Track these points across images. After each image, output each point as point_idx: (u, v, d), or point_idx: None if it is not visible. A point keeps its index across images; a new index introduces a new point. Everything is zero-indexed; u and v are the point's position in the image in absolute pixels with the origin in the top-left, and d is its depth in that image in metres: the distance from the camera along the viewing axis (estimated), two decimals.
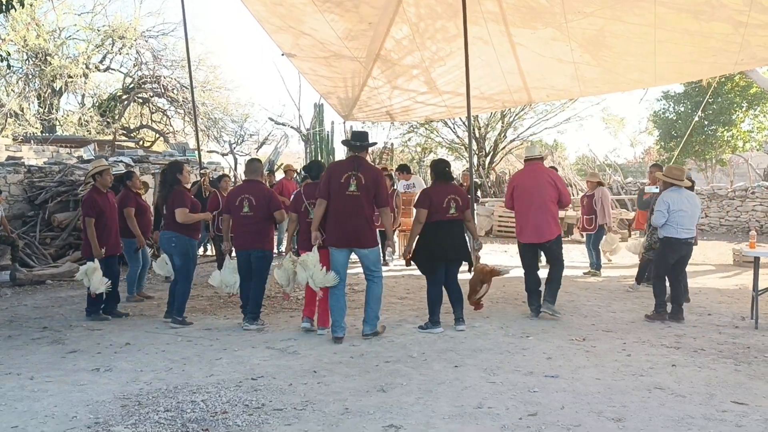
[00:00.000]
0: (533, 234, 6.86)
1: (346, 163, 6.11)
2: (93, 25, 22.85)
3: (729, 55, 9.17)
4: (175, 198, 6.70)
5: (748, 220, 17.53)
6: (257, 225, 6.50)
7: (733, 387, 4.54)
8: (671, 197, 6.74)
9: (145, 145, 23.46)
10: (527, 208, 6.85)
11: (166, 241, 6.80)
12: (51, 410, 4.18)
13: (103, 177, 7.18)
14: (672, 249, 6.78)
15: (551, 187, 6.84)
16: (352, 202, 5.87)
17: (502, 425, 3.84)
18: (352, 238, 5.92)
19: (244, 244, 6.55)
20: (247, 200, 6.49)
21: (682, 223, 6.67)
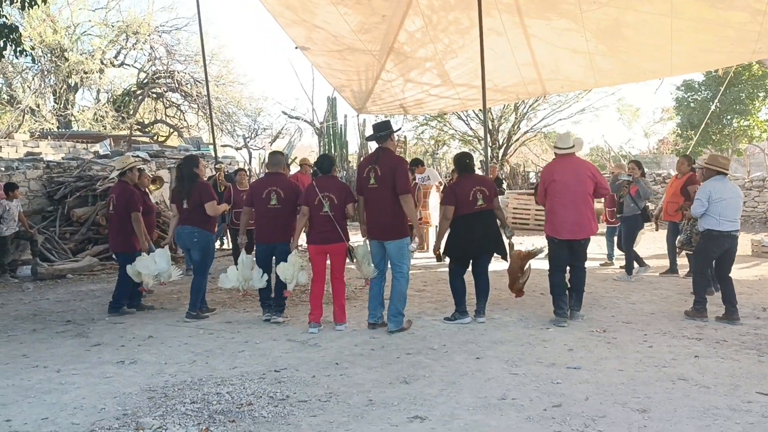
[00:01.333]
0: (574, 230, 6.30)
1: (368, 158, 6.23)
2: (107, 21, 22.98)
3: (746, 44, 9.09)
4: (203, 191, 6.69)
5: (766, 211, 17.38)
6: (285, 218, 6.46)
7: (758, 378, 4.53)
8: (714, 186, 6.29)
9: (160, 140, 23.58)
10: (567, 203, 6.28)
11: (188, 236, 6.77)
12: (79, 402, 4.25)
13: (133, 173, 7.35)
14: (714, 242, 6.35)
15: (590, 180, 6.32)
16: (373, 195, 6.02)
17: (527, 416, 3.86)
18: (374, 231, 6.09)
19: (270, 238, 6.51)
20: (275, 193, 6.42)
21: (724, 213, 6.23)
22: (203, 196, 6.67)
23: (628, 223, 8.87)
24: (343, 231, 6.14)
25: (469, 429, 3.70)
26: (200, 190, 6.70)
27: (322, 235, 6.16)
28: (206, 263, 6.86)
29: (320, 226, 6.16)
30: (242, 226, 6.80)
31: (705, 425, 3.69)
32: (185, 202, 6.74)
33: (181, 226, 6.85)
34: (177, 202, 6.86)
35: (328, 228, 6.12)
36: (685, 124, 23.67)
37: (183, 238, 6.88)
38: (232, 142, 25.55)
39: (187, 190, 6.73)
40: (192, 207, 6.70)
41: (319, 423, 3.83)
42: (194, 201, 6.68)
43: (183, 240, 6.91)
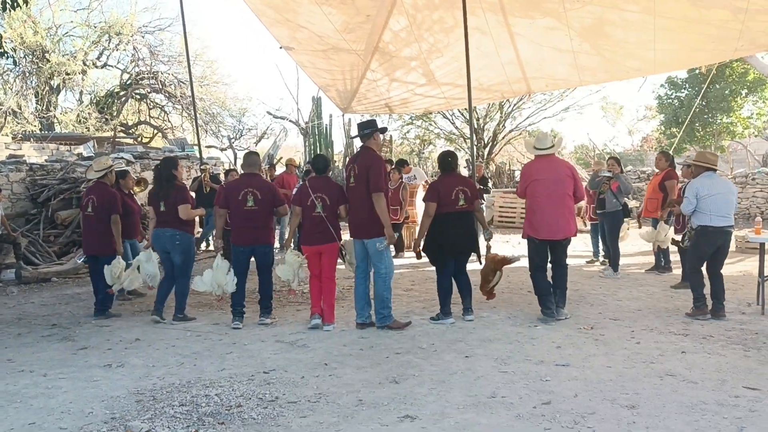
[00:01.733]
0: (552, 230, 6.31)
1: (351, 158, 6.33)
2: (89, 22, 22.77)
3: (728, 42, 9.16)
4: (177, 194, 6.64)
5: (749, 207, 17.57)
6: (263, 219, 6.40)
7: (744, 372, 4.58)
8: (702, 183, 6.30)
9: (144, 141, 23.42)
10: (545, 202, 6.28)
11: (169, 239, 6.67)
12: (66, 406, 4.20)
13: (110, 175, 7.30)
14: (707, 239, 6.31)
15: (570, 179, 6.33)
16: (352, 194, 6.14)
17: (516, 414, 3.87)
18: (356, 229, 6.17)
19: (249, 240, 6.40)
20: (251, 194, 6.33)
21: (716, 209, 6.20)
22: (177, 198, 6.62)
23: (611, 219, 8.95)
24: (335, 231, 6.17)
25: (460, 427, 3.71)
26: (176, 192, 6.66)
27: (315, 235, 6.19)
28: (189, 265, 6.79)
29: (313, 226, 6.19)
30: (217, 229, 6.65)
31: (693, 420, 3.72)
32: (162, 204, 6.65)
33: (161, 229, 6.73)
34: (154, 204, 6.75)
35: (321, 228, 6.15)
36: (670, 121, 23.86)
37: (163, 241, 6.74)
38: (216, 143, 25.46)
39: (165, 191, 6.66)
40: (169, 209, 6.62)
41: (309, 424, 3.82)
42: (171, 203, 6.61)
43: (163, 243, 6.75)
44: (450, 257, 6.37)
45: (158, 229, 6.76)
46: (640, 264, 10.03)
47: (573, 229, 6.43)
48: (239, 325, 6.32)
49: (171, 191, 6.66)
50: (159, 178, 6.80)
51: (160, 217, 6.72)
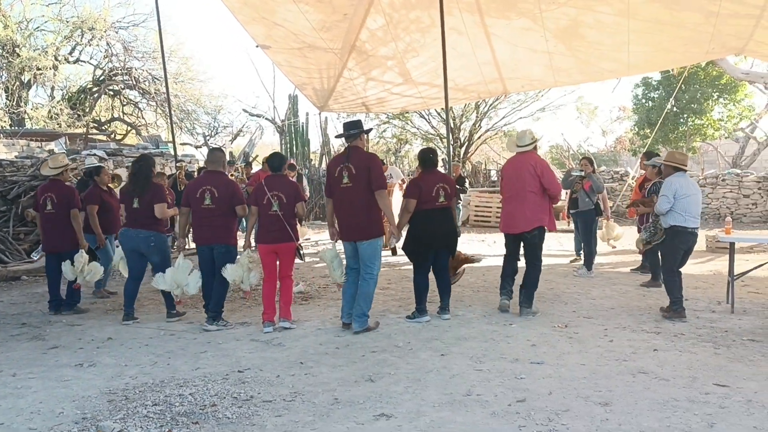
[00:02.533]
0: (507, 224, 6.61)
1: (339, 156, 6.17)
2: (61, 16, 22.39)
3: (700, 44, 9.33)
4: (155, 193, 6.55)
5: (719, 207, 17.89)
6: (220, 218, 6.21)
7: (714, 370, 4.65)
8: (679, 182, 6.29)
9: (117, 138, 23.12)
10: (506, 197, 6.69)
11: (143, 240, 6.54)
12: (36, 406, 4.13)
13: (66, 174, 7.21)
14: (680, 239, 6.31)
15: (531, 176, 6.39)
16: (346, 195, 5.88)
17: (492, 412, 3.89)
18: (350, 232, 5.93)
19: (206, 239, 6.26)
20: (209, 192, 6.16)
21: (689, 210, 6.24)
22: (154, 197, 6.52)
23: (584, 218, 9.06)
24: (292, 230, 6.07)
25: (435, 425, 3.71)
26: (152, 190, 6.56)
27: (271, 234, 6.07)
28: (167, 264, 6.62)
29: (269, 225, 6.07)
30: (180, 228, 6.54)
31: (665, 417, 3.77)
32: (136, 201, 6.54)
33: (133, 230, 6.58)
34: (127, 201, 6.64)
35: (277, 227, 6.04)
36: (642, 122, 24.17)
37: (136, 242, 6.59)
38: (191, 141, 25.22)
39: (141, 189, 6.55)
40: (143, 207, 6.51)
41: (284, 423, 3.80)
42: (146, 201, 6.50)
43: (136, 243, 6.60)
44: (431, 254, 6.37)
45: (130, 229, 6.62)
46: (614, 263, 10.15)
47: (529, 224, 6.42)
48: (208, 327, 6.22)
49: (147, 189, 6.55)
50: (136, 175, 6.64)
51: (132, 214, 6.60)
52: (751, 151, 24.30)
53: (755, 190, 17.64)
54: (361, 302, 5.92)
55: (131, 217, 6.62)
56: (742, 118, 22.88)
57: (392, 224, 6.33)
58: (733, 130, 23.89)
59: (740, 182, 17.85)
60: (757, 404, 3.95)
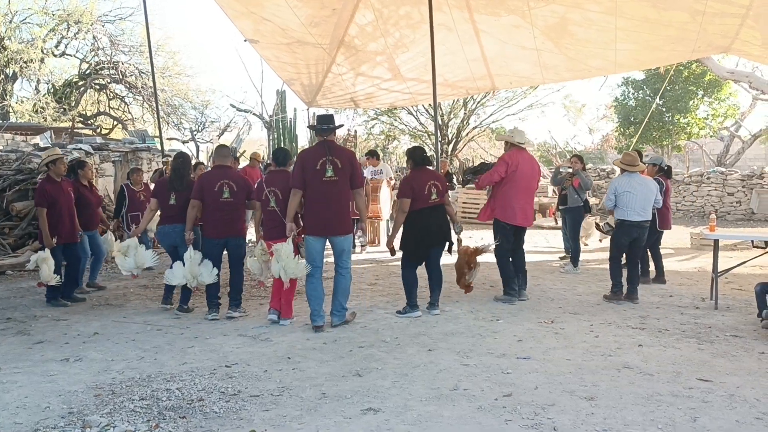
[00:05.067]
0: (525, 218, 6.99)
1: (318, 149, 5.90)
2: (47, 9, 22.16)
3: (687, 43, 9.40)
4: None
5: (704, 205, 18.03)
6: (237, 211, 6.39)
7: (698, 365, 4.71)
8: (620, 181, 7.03)
9: (103, 133, 22.93)
10: (523, 192, 6.95)
11: (180, 234, 6.52)
12: (22, 401, 4.11)
13: (57, 166, 7.05)
14: (623, 231, 7.02)
15: (538, 173, 7.25)
16: (330, 188, 5.75)
17: (478, 406, 3.92)
18: (329, 226, 5.81)
19: (223, 232, 6.34)
20: (227, 186, 6.25)
21: (631, 205, 6.88)
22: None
23: (572, 215, 9.13)
24: None
25: (422, 420, 3.74)
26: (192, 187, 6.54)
27: (270, 230, 6.15)
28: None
29: (269, 221, 6.16)
30: (189, 221, 6.43)
31: (649, 411, 3.81)
32: (173, 198, 6.60)
33: (170, 225, 6.65)
34: (162, 196, 6.70)
35: (276, 224, 6.08)
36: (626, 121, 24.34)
37: (173, 237, 6.65)
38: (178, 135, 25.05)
39: (181, 184, 6.60)
40: (181, 203, 6.52)
41: (271, 417, 3.81)
42: (185, 198, 6.49)
43: (173, 239, 6.66)
44: (428, 251, 6.41)
45: (167, 225, 6.70)
46: (600, 260, 10.21)
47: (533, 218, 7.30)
48: (216, 317, 6.33)
49: (186, 185, 6.61)
50: (177, 171, 6.70)
51: (167, 210, 6.67)
52: (736, 150, 24.51)
53: (739, 188, 17.79)
54: (340, 297, 5.94)
55: (167, 213, 6.68)
56: (727, 116, 23.08)
57: (364, 221, 6.39)
58: (718, 129, 24.09)
59: (725, 180, 18.00)
60: (740, 398, 4.01)
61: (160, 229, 6.84)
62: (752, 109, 24.29)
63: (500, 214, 6.93)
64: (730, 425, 3.62)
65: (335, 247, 5.93)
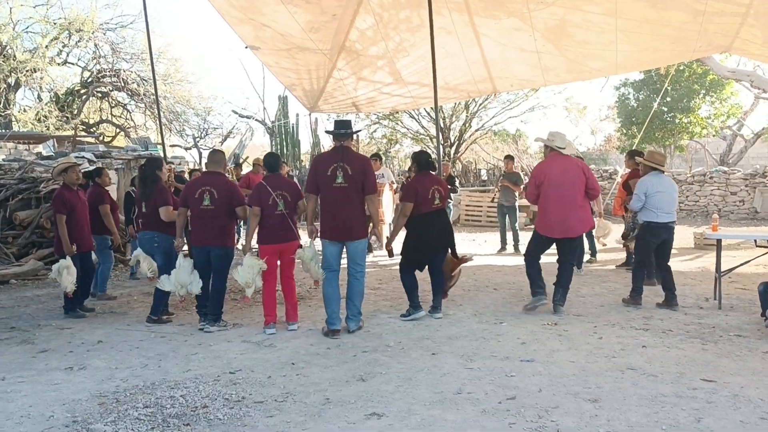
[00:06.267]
0: (564, 229, 6.51)
1: (331, 154, 5.95)
2: (49, 18, 22.26)
3: (687, 43, 9.40)
4: (158, 196, 6.53)
5: (707, 204, 18.00)
6: (218, 220, 6.15)
7: (702, 365, 4.70)
8: (650, 181, 6.76)
9: (106, 140, 23.00)
10: (558, 202, 6.47)
11: (148, 242, 6.60)
12: (26, 410, 4.12)
13: (69, 174, 7.04)
14: (653, 234, 6.77)
15: (581, 180, 6.50)
16: (340, 194, 5.78)
17: (482, 409, 3.91)
18: (342, 231, 5.85)
19: (204, 240, 6.19)
20: (208, 192, 6.10)
21: (661, 206, 6.66)
22: (158, 200, 6.51)
23: None
24: (296, 229, 6.12)
25: (426, 424, 3.73)
26: (156, 194, 6.55)
27: (278, 234, 6.05)
28: (171, 266, 6.46)
29: (276, 225, 6.05)
30: (178, 229, 6.39)
31: (653, 412, 3.81)
32: (144, 205, 6.63)
33: (143, 231, 6.70)
34: (138, 205, 6.76)
35: (284, 227, 6.04)
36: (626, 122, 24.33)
37: (144, 244, 6.71)
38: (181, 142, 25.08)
39: (147, 192, 6.59)
40: (150, 211, 6.55)
41: (276, 423, 3.81)
42: (151, 204, 6.53)
43: (144, 245, 6.72)
44: (428, 257, 6.41)
45: (141, 231, 6.76)
46: (603, 261, 10.20)
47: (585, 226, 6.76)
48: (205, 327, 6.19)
49: (152, 192, 6.57)
50: (143, 179, 6.70)
51: (142, 218, 6.70)
52: (738, 149, 24.47)
53: (742, 188, 17.76)
54: (356, 301, 5.97)
55: (142, 220, 6.70)
56: (729, 115, 23.05)
57: (377, 227, 6.36)
58: (720, 128, 24.05)
59: (727, 180, 17.98)
60: (744, 399, 4.00)
61: (139, 236, 6.87)
62: (754, 108, 24.30)
63: (539, 224, 6.72)
64: (735, 426, 3.61)
65: (349, 252, 5.96)
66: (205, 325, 6.19)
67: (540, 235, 6.68)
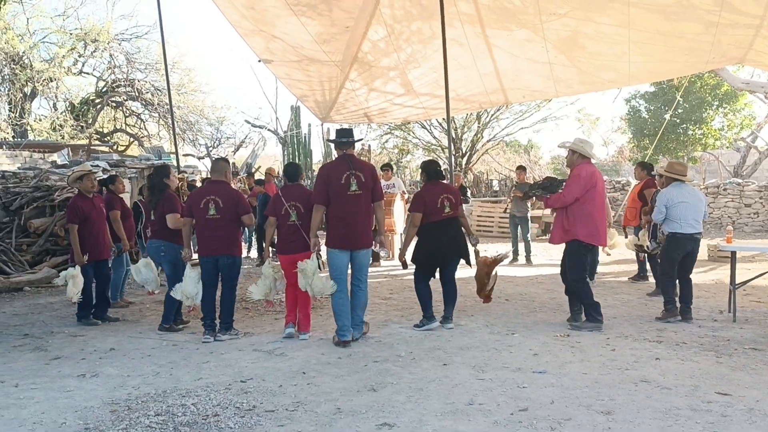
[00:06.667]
0: (603, 237, 6.48)
1: (340, 164, 5.91)
2: (65, 28, 22.54)
3: (700, 54, 9.38)
4: (165, 203, 6.55)
5: (721, 216, 17.88)
6: (225, 229, 6.10)
7: (716, 378, 4.65)
8: (671, 192, 6.62)
9: (120, 149, 23.19)
10: (601, 209, 6.39)
11: (155, 250, 6.63)
12: (39, 417, 4.14)
13: (84, 182, 7.09)
14: (677, 245, 6.61)
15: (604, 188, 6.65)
16: (354, 202, 5.78)
17: (494, 421, 3.89)
18: (353, 239, 5.83)
19: (211, 250, 6.14)
20: (213, 202, 6.05)
21: (685, 217, 6.50)
22: (165, 207, 6.53)
23: None
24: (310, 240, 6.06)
25: None
26: (164, 202, 6.57)
27: (290, 244, 6.06)
28: (178, 275, 6.46)
29: (288, 235, 6.07)
30: (185, 238, 6.39)
31: (667, 425, 3.77)
32: (153, 213, 6.66)
33: (150, 240, 6.73)
34: (148, 213, 6.81)
35: (296, 237, 6.03)
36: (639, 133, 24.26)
37: (151, 252, 6.75)
38: (194, 152, 25.28)
39: (156, 200, 6.61)
40: (158, 218, 6.58)
41: None
42: (159, 212, 6.56)
43: (152, 254, 6.76)
44: (439, 265, 6.39)
45: (150, 239, 6.78)
46: (615, 272, 10.15)
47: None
48: (209, 339, 6.11)
49: (160, 200, 6.60)
50: (151, 187, 6.74)
51: (151, 225, 6.73)
52: (753, 161, 24.31)
53: (757, 200, 17.64)
54: (359, 311, 5.98)
55: (151, 228, 6.72)
56: (743, 127, 22.92)
57: (383, 235, 6.35)
58: (734, 140, 23.92)
59: (742, 191, 17.86)
60: (759, 412, 3.95)
61: (147, 244, 6.90)
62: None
63: (584, 234, 6.23)
64: None
65: (355, 261, 5.94)
66: (209, 338, 6.14)
67: (585, 247, 6.32)
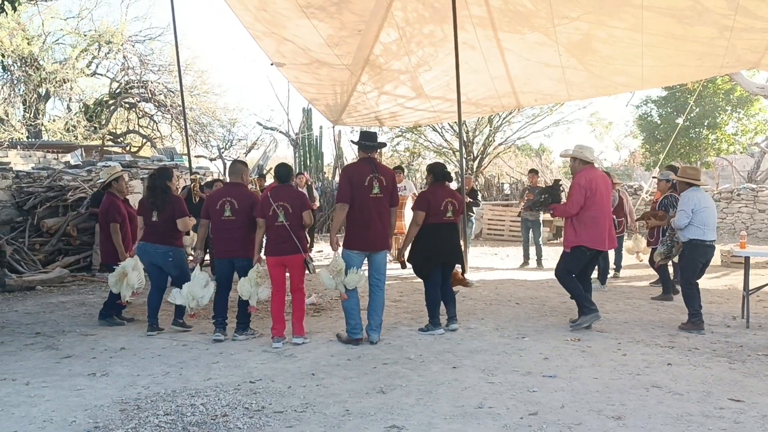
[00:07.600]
0: (611, 240, 6.52)
1: (363, 166, 5.97)
2: (79, 30, 22.71)
3: (714, 59, 9.31)
4: (176, 207, 6.53)
5: (734, 222, 17.72)
6: (240, 230, 6.12)
7: (729, 384, 4.60)
8: (696, 196, 6.38)
9: (132, 150, 23.33)
10: (607, 214, 6.45)
11: (161, 256, 6.55)
12: (49, 415, 4.16)
13: (119, 183, 7.22)
14: (700, 252, 6.38)
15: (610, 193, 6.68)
16: (376, 204, 5.86)
17: (503, 425, 3.87)
18: (373, 242, 5.89)
19: (227, 252, 6.19)
20: (228, 203, 6.10)
21: (708, 223, 6.33)
22: (176, 211, 6.52)
23: None
24: (300, 242, 5.98)
25: None
26: (174, 204, 6.55)
27: (278, 246, 5.95)
28: (186, 277, 6.48)
29: (276, 237, 5.97)
30: (199, 240, 6.45)
31: (679, 431, 3.73)
32: (155, 215, 6.53)
33: (151, 244, 6.58)
34: (145, 213, 6.62)
35: (284, 239, 5.92)
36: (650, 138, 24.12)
37: (154, 257, 6.61)
38: (206, 153, 25.36)
39: (160, 202, 6.54)
40: (163, 221, 6.51)
41: None
42: (166, 215, 6.51)
43: (153, 258, 6.61)
44: (435, 268, 6.38)
45: (147, 243, 6.60)
46: (627, 277, 10.08)
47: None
48: (220, 337, 6.14)
49: (167, 202, 6.54)
50: (153, 188, 6.62)
51: (150, 227, 6.58)
52: (767, 166, 24.08)
53: None
54: (379, 312, 6.02)
55: (149, 230, 6.60)
56: (757, 132, 22.73)
57: (394, 240, 6.39)
58: (748, 145, 23.73)
59: (755, 197, 17.69)
60: None
61: (140, 246, 6.70)
62: None
63: (588, 239, 6.32)
64: None
65: (373, 263, 5.99)
66: (220, 336, 6.16)
67: (585, 251, 6.36)
